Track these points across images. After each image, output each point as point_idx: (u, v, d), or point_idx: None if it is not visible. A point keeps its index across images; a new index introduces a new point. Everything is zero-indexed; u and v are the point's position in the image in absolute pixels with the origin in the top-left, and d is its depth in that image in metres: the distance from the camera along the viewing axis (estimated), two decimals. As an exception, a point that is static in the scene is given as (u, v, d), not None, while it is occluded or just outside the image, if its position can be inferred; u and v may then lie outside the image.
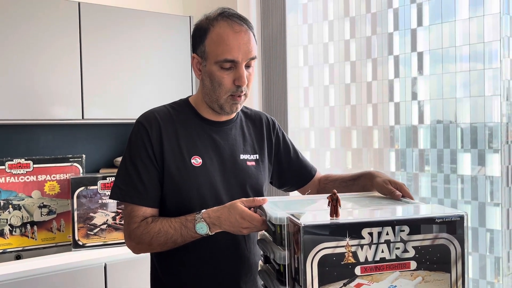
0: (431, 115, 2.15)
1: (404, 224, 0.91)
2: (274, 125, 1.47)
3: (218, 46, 1.22)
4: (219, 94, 1.26)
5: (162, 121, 1.28)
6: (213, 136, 1.32)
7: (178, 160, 1.25)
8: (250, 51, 1.24)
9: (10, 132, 2.29)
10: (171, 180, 1.25)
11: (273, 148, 1.45)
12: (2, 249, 1.88)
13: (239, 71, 1.23)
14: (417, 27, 2.15)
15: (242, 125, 1.40)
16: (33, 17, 2.09)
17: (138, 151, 1.25)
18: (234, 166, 1.31)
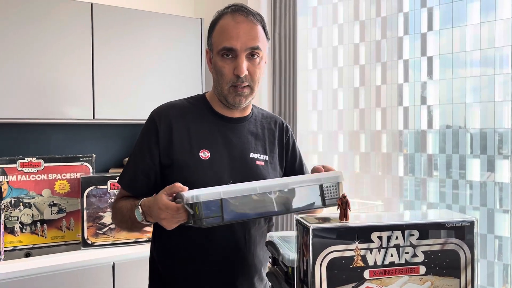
0: (440, 120, 2.14)
1: (413, 229, 0.91)
2: (287, 131, 1.47)
3: (220, 36, 1.25)
4: (222, 85, 1.27)
5: (174, 114, 1.30)
6: (225, 132, 1.32)
7: (187, 152, 1.27)
8: (250, 40, 1.24)
9: (22, 131, 2.32)
10: (179, 172, 1.26)
11: (284, 153, 1.44)
12: (12, 246, 1.91)
13: (237, 60, 1.24)
14: (428, 32, 2.15)
15: (256, 125, 1.40)
16: (46, 17, 2.11)
17: (141, 143, 1.31)
18: (242, 163, 1.32)
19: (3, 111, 2.03)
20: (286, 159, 1.45)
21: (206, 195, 1.06)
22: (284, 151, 1.44)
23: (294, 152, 1.47)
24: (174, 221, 1.11)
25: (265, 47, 1.30)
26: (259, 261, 1.34)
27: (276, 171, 1.39)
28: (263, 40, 1.28)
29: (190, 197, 1.06)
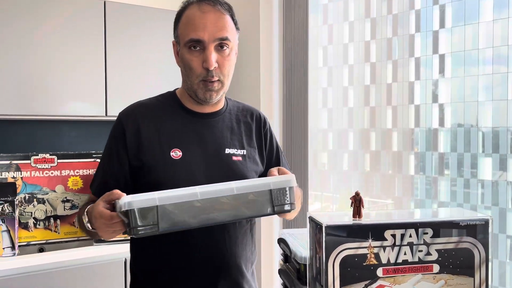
0: (452, 118, 2.13)
1: (427, 227, 0.91)
2: (265, 123, 1.39)
3: (186, 28, 1.19)
4: (191, 79, 1.20)
5: (142, 114, 1.25)
6: (197, 128, 1.26)
7: (157, 153, 1.21)
8: (218, 30, 1.17)
9: (35, 128, 2.35)
10: (149, 174, 1.20)
11: (263, 147, 1.37)
12: (26, 241, 1.93)
13: (205, 52, 1.17)
14: (439, 29, 2.14)
15: (230, 118, 1.32)
16: (59, 15, 2.13)
17: (109, 146, 1.26)
18: (218, 160, 1.24)
19: (17, 108, 2.05)
20: (266, 153, 1.38)
21: (141, 201, 0.97)
22: (262, 144, 1.36)
23: (271, 147, 1.40)
24: (109, 230, 1.04)
25: (234, 37, 1.24)
26: (242, 261, 1.28)
27: (257, 166, 1.32)
28: (232, 31, 1.22)
29: (123, 204, 0.98)
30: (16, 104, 2.04)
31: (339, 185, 2.69)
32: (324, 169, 2.75)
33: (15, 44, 2.03)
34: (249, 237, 1.31)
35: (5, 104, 2.02)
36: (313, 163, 2.58)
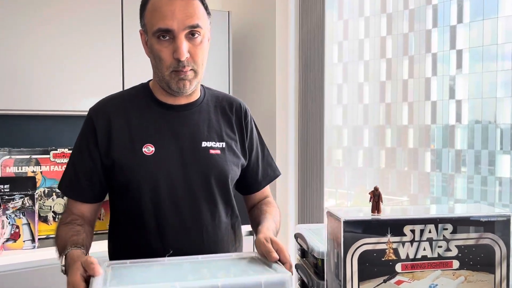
0: (469, 115, 2.10)
1: (447, 223, 0.90)
2: (246, 114, 1.31)
3: (153, 16, 1.10)
4: (162, 70, 1.13)
5: (113, 109, 1.18)
6: (171, 121, 1.19)
7: (128, 150, 1.14)
8: (187, 17, 1.09)
9: (54, 123, 2.38)
10: (121, 172, 1.15)
11: (244, 138, 1.29)
12: (45, 234, 1.97)
13: (176, 42, 1.09)
14: (457, 24, 2.11)
15: (208, 110, 1.25)
16: (77, 9, 2.15)
17: (79, 143, 1.20)
18: (194, 154, 1.18)
19: (37, 104, 2.08)
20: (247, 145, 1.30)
21: None
22: (244, 136, 1.29)
23: (251, 140, 1.31)
24: None
25: (206, 23, 1.15)
26: None
27: (238, 159, 1.25)
28: (203, 16, 1.13)
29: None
30: (35, 100, 2.07)
31: (354, 182, 2.68)
32: (338, 166, 2.74)
33: (33, 40, 2.06)
34: (230, 234, 1.26)
35: (25, 100, 2.05)
36: (328, 159, 2.57)
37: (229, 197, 1.26)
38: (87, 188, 1.18)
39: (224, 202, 1.24)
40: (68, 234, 1.10)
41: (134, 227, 1.18)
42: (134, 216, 1.17)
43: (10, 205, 1.85)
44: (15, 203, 1.86)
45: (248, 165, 1.31)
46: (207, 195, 1.19)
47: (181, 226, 1.16)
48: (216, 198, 1.21)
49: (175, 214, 1.16)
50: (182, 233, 1.16)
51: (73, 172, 1.19)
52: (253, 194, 1.37)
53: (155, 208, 1.15)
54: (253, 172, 1.34)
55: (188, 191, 1.17)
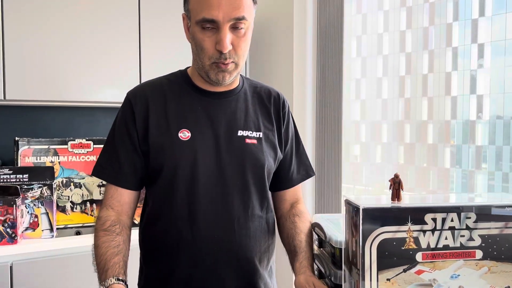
0: (490, 110, 2.06)
1: (470, 211, 0.88)
2: (284, 105, 1.28)
3: (198, 4, 1.06)
4: (203, 60, 1.11)
5: (151, 94, 1.17)
6: (208, 108, 1.17)
7: (165, 134, 1.13)
8: (234, 9, 1.05)
9: (72, 114, 2.41)
10: (156, 157, 1.13)
11: (282, 130, 1.26)
12: (63, 224, 1.99)
13: (219, 33, 1.06)
14: (479, 17, 2.06)
15: (246, 99, 1.22)
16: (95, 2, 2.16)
17: (119, 128, 1.17)
18: (229, 142, 1.16)
19: (55, 95, 2.10)
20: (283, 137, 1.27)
21: None
22: (281, 126, 1.25)
23: (286, 132, 1.28)
24: None
25: (251, 14, 1.11)
26: (255, 256, 1.19)
27: (274, 150, 1.22)
28: (250, 7, 1.09)
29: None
30: (54, 91, 2.09)
31: (372, 177, 2.65)
32: (356, 162, 2.71)
33: (52, 32, 2.08)
34: (263, 228, 1.22)
35: (44, 91, 2.07)
36: (346, 155, 2.55)
37: (264, 189, 1.21)
38: (131, 174, 1.16)
39: (259, 194, 1.20)
40: (108, 250, 1.09)
41: (165, 213, 1.16)
42: (166, 202, 1.15)
43: (29, 195, 1.88)
44: (34, 192, 1.88)
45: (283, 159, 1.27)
46: (241, 185, 1.16)
47: (213, 214, 1.14)
48: (250, 189, 1.18)
49: (207, 201, 1.14)
50: (213, 222, 1.14)
51: (115, 158, 1.16)
52: (283, 191, 1.30)
53: (188, 195, 1.13)
54: (285, 166, 1.28)
55: (221, 179, 1.14)
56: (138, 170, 1.16)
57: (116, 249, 1.10)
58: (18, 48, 2.00)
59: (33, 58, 2.04)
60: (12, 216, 1.78)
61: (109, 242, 1.10)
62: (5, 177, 1.85)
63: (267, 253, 1.24)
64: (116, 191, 1.16)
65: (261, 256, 1.21)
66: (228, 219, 1.15)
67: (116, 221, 1.14)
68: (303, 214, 1.27)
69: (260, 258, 1.20)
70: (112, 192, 1.17)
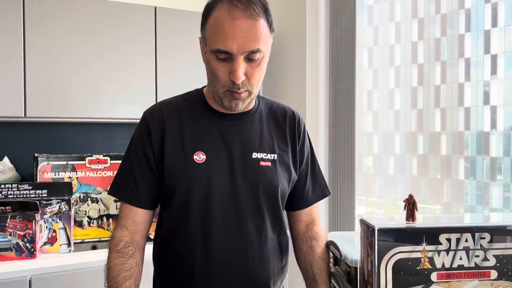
0: (504, 121, 2.05)
1: (484, 232, 0.88)
2: (299, 124, 1.27)
3: (214, 33, 1.06)
4: (217, 87, 1.11)
5: (167, 114, 1.17)
6: (223, 130, 1.17)
7: (180, 156, 1.14)
8: (249, 42, 1.04)
9: (90, 130, 2.46)
10: (171, 178, 1.14)
11: (297, 150, 1.25)
12: (80, 239, 2.02)
13: (233, 64, 1.05)
14: (491, 28, 2.06)
15: (261, 120, 1.22)
16: (112, 21, 2.22)
17: (136, 147, 1.17)
18: (243, 165, 1.15)
19: (73, 112, 2.15)
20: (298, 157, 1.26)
21: None
22: (295, 146, 1.24)
23: (302, 151, 1.26)
24: None
25: (267, 43, 1.10)
26: (268, 278, 1.18)
27: (289, 172, 1.21)
28: (266, 38, 1.07)
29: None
30: (72, 108, 2.14)
31: (385, 189, 2.64)
32: (369, 173, 2.70)
33: (70, 51, 2.14)
34: (276, 251, 1.21)
35: (62, 108, 2.12)
36: (358, 166, 2.55)
37: (278, 212, 1.21)
38: (146, 193, 1.16)
39: (272, 217, 1.20)
40: (121, 273, 1.10)
41: (179, 235, 1.16)
42: (180, 223, 1.16)
43: (48, 210, 1.92)
44: (52, 207, 1.92)
45: (298, 178, 1.27)
46: (254, 208, 1.16)
47: (226, 237, 1.14)
48: (263, 212, 1.17)
49: (221, 224, 1.14)
50: (227, 244, 1.14)
51: (131, 177, 1.17)
52: (298, 211, 1.30)
53: (202, 217, 1.14)
54: (300, 186, 1.28)
55: (235, 202, 1.14)
56: (154, 189, 1.17)
57: (128, 272, 1.11)
58: (38, 67, 2.06)
59: (52, 77, 2.09)
60: (31, 231, 1.82)
61: (121, 265, 1.11)
62: (25, 193, 1.89)
63: (280, 275, 1.24)
64: (131, 210, 1.17)
65: (274, 278, 1.21)
66: (242, 242, 1.15)
67: (130, 242, 1.15)
68: (320, 238, 1.26)
69: (274, 280, 1.20)
70: (127, 212, 1.17)
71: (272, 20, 1.11)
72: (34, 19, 2.05)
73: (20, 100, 2.03)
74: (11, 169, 2.17)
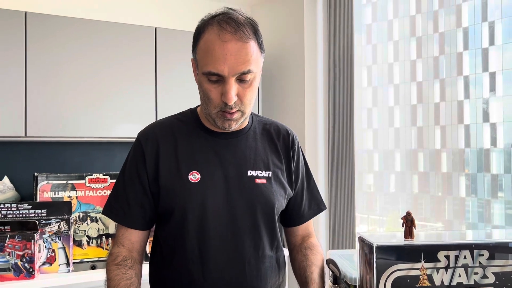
0: (504, 138, 2.05)
1: (483, 248, 0.88)
2: (293, 141, 1.27)
3: (205, 56, 1.07)
4: (209, 108, 1.12)
5: (161, 136, 1.18)
6: (217, 149, 1.17)
7: (175, 176, 1.14)
8: (239, 64, 1.05)
9: (89, 149, 2.47)
10: (166, 199, 1.14)
11: (291, 166, 1.25)
12: (79, 258, 2.01)
13: (225, 86, 1.06)
14: (489, 46, 2.08)
15: (255, 137, 1.23)
16: (114, 42, 2.25)
17: (130, 169, 1.18)
18: (239, 183, 1.16)
19: (73, 131, 2.16)
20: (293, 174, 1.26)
21: None
22: (290, 164, 1.25)
23: (297, 169, 1.27)
24: None
25: (258, 64, 1.11)
26: None
27: (283, 189, 1.22)
28: (256, 59, 1.09)
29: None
30: (72, 127, 2.15)
31: (386, 207, 2.63)
32: (370, 191, 2.70)
33: (70, 71, 2.17)
34: (274, 268, 1.22)
35: (62, 127, 2.14)
36: (359, 184, 2.54)
37: (274, 229, 1.21)
38: (139, 215, 1.17)
39: (269, 234, 1.20)
40: (121, 282, 1.11)
41: (175, 255, 1.16)
42: (177, 244, 1.16)
43: (47, 229, 1.91)
44: (51, 227, 1.91)
45: (294, 195, 1.27)
46: (251, 226, 1.16)
47: (224, 256, 1.14)
48: (261, 230, 1.18)
49: (218, 243, 1.14)
50: (224, 264, 1.14)
51: (124, 199, 1.18)
52: (295, 227, 1.31)
53: (198, 237, 1.14)
54: (296, 203, 1.29)
55: (232, 221, 1.15)
56: (147, 211, 1.18)
57: (129, 281, 1.11)
58: (39, 87, 2.08)
59: (53, 96, 2.11)
60: (30, 251, 1.81)
61: (121, 274, 1.12)
62: (24, 212, 1.89)
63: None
64: (126, 231, 1.18)
65: None
66: (239, 261, 1.15)
67: (128, 256, 1.16)
68: (315, 247, 1.27)
69: None
70: (123, 231, 1.19)
71: (262, 41, 1.13)
72: (35, 40, 2.08)
73: (21, 119, 2.04)
74: (10, 188, 2.17)
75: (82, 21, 2.19)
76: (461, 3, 2.16)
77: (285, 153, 1.25)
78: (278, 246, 1.24)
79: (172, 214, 1.15)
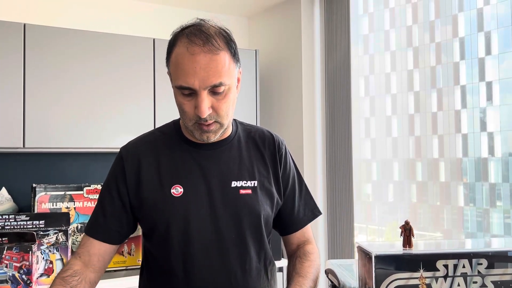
0: (502, 147, 2.06)
1: (481, 257, 0.88)
2: (279, 147, 1.24)
3: (176, 70, 1.05)
4: (185, 120, 1.10)
5: (143, 150, 1.16)
6: (200, 161, 1.14)
7: (157, 190, 1.12)
8: (210, 77, 1.02)
9: (87, 160, 2.46)
10: (149, 213, 1.12)
11: (279, 173, 1.22)
12: (77, 270, 2.00)
13: (197, 99, 1.04)
14: (485, 56, 2.10)
15: (239, 146, 1.20)
16: (112, 53, 2.26)
17: (109, 183, 1.17)
18: (223, 195, 1.13)
19: (72, 142, 2.16)
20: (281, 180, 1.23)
21: None
22: (277, 170, 1.21)
23: (286, 175, 1.23)
24: None
25: (232, 75, 1.08)
26: None
27: (271, 198, 1.18)
28: (229, 70, 1.06)
29: None
30: (70, 138, 2.16)
31: (385, 217, 2.63)
32: (368, 201, 2.69)
33: (68, 82, 2.17)
34: (263, 280, 1.18)
35: (60, 138, 2.14)
36: (357, 194, 2.54)
37: (261, 240, 1.18)
38: (115, 229, 1.15)
39: (256, 246, 1.17)
40: None
41: (161, 269, 1.14)
42: (161, 259, 1.14)
43: (45, 241, 1.90)
44: (49, 238, 1.90)
45: (283, 202, 1.24)
46: (237, 238, 1.14)
47: (209, 271, 1.12)
48: (247, 242, 1.15)
49: (203, 258, 1.11)
50: (210, 278, 1.11)
51: (101, 212, 1.16)
52: (292, 234, 1.27)
53: (183, 251, 1.12)
54: (288, 210, 1.25)
55: (217, 234, 1.12)
56: (123, 225, 1.15)
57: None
58: (37, 99, 2.09)
59: (51, 108, 2.12)
60: (28, 263, 1.80)
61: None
62: (22, 224, 1.88)
63: None
64: (87, 240, 1.15)
65: None
66: (224, 275, 1.12)
67: (79, 272, 1.11)
68: (307, 255, 1.22)
69: None
70: (85, 241, 1.16)
71: (236, 50, 1.10)
72: (34, 52, 2.09)
73: (19, 130, 2.04)
74: (8, 200, 2.17)
75: (81, 33, 2.20)
76: (457, 13, 2.18)
77: (271, 160, 1.22)
78: (267, 258, 1.20)
79: (155, 229, 1.13)
